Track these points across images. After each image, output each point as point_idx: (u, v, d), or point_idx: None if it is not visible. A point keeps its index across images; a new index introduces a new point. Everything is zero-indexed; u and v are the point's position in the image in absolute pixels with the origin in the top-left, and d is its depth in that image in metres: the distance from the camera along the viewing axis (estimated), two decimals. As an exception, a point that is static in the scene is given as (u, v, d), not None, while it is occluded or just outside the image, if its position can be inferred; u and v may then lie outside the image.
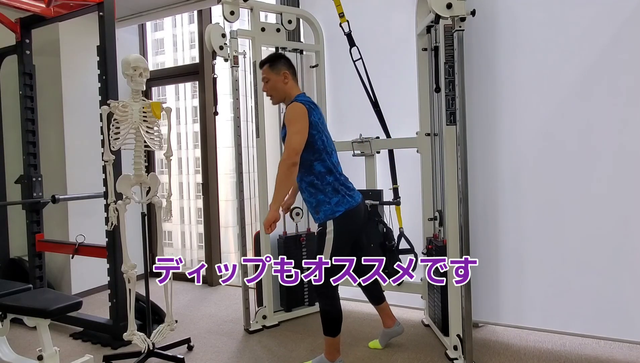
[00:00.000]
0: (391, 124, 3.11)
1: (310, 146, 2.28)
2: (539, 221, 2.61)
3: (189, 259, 9.25)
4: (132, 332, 2.53)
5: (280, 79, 2.40)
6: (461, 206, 2.38)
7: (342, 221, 2.27)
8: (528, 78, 2.61)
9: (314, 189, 2.32)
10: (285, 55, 2.51)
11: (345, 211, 2.27)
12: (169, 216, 2.66)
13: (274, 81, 2.41)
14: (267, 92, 2.47)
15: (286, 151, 2.21)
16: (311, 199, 2.34)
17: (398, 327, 2.71)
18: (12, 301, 2.27)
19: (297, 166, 2.21)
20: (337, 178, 2.32)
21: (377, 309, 2.71)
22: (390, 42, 3.17)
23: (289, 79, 2.41)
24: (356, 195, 2.36)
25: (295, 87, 2.45)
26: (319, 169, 2.30)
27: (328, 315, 2.31)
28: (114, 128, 2.49)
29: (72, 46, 3.94)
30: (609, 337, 2.50)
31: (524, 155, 2.64)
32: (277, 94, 2.44)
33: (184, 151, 9.13)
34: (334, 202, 2.28)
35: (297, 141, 2.21)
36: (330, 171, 2.31)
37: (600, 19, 2.41)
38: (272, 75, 2.41)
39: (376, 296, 2.67)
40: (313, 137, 2.28)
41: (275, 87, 2.42)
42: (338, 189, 2.30)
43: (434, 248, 2.82)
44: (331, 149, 2.38)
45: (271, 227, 2.20)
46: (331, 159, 2.34)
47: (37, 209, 3.40)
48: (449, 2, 2.26)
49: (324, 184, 2.30)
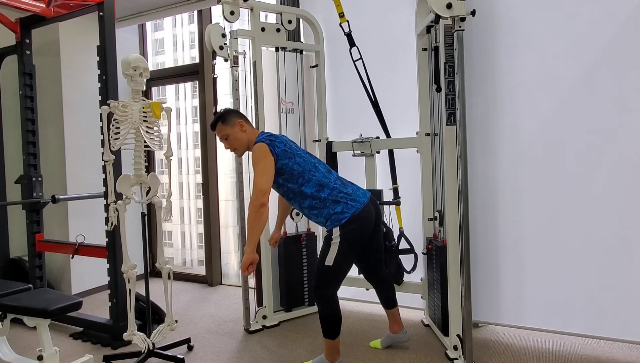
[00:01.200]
0: (391, 124, 3.11)
1: (289, 175, 2.29)
2: (539, 221, 2.61)
3: (189, 259, 9.25)
4: (132, 332, 2.53)
5: (237, 130, 2.42)
6: (461, 206, 2.38)
7: (349, 227, 2.25)
8: (528, 78, 2.61)
9: (317, 210, 2.31)
10: (230, 108, 2.54)
11: (351, 216, 2.25)
12: (169, 216, 2.66)
13: (232, 134, 2.42)
14: (231, 148, 2.48)
15: (254, 193, 2.21)
16: (320, 219, 2.34)
17: (403, 335, 2.70)
18: (12, 301, 2.27)
19: (266, 206, 2.21)
20: (332, 189, 2.30)
21: (387, 312, 2.70)
22: (390, 42, 3.17)
23: (245, 126, 2.44)
24: (360, 197, 2.33)
25: (253, 131, 2.47)
26: (310, 191, 2.29)
27: (327, 318, 2.31)
28: (114, 128, 2.49)
29: (72, 46, 3.94)
30: (609, 337, 2.50)
31: (524, 155, 2.64)
32: (241, 145, 2.44)
33: (184, 151, 9.14)
34: (339, 211, 2.27)
35: (264, 181, 2.22)
36: (322, 187, 2.30)
37: (600, 18, 2.41)
38: (228, 129, 2.42)
39: (389, 299, 2.67)
40: (287, 166, 2.29)
41: (236, 138, 2.43)
42: (338, 199, 2.28)
43: (434, 248, 2.83)
44: (312, 166, 2.35)
45: (248, 269, 2.23)
46: (317, 174, 2.33)
47: (37, 209, 3.40)
48: (449, 2, 2.26)
49: (322, 201, 2.29)
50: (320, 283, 2.30)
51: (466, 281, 2.37)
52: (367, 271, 2.62)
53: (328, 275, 2.28)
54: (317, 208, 2.31)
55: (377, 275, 2.62)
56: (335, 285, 2.32)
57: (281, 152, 2.30)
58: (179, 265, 8.82)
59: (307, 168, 2.32)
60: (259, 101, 3.09)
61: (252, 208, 2.19)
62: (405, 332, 2.71)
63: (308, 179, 2.30)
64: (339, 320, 2.32)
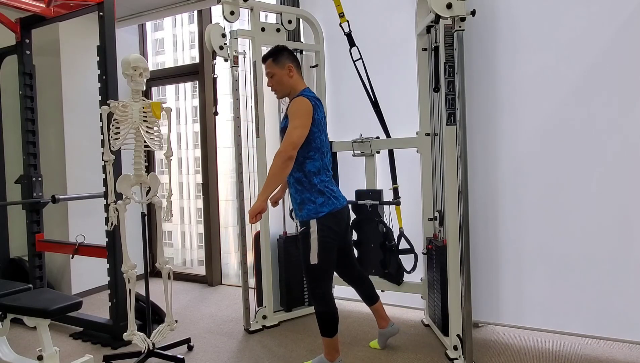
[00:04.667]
0: (391, 124, 3.10)
1: (307, 143, 2.24)
2: (539, 221, 2.61)
3: (189, 259, 9.25)
4: (132, 332, 2.53)
5: (285, 73, 2.35)
6: (461, 206, 2.38)
7: (325, 221, 2.24)
8: (528, 78, 2.61)
9: (301, 187, 2.29)
10: (287, 47, 2.45)
11: (329, 212, 2.24)
12: (169, 216, 2.66)
13: (279, 75, 2.36)
14: (272, 87, 2.42)
15: (284, 144, 2.15)
16: (296, 196, 2.32)
17: (392, 328, 2.70)
18: (12, 301, 2.27)
19: (293, 160, 2.16)
20: (324, 179, 2.29)
21: (371, 309, 2.70)
22: (390, 42, 3.17)
23: (293, 72, 2.37)
24: (341, 198, 2.34)
25: (301, 81, 2.40)
26: (309, 168, 2.27)
27: (323, 316, 2.30)
28: (114, 128, 2.49)
29: (72, 46, 3.94)
30: (609, 337, 2.50)
31: (524, 155, 2.64)
32: (283, 89, 2.39)
33: (184, 151, 9.14)
34: (319, 202, 2.25)
35: (298, 135, 2.16)
36: (320, 172, 2.29)
37: (600, 18, 2.41)
38: (277, 69, 2.36)
39: (369, 295, 2.66)
40: (313, 134, 2.24)
41: (280, 81, 2.36)
42: (324, 191, 2.27)
43: (434, 248, 2.83)
44: (326, 150, 2.35)
45: (256, 217, 2.15)
46: (324, 160, 2.32)
47: (37, 209, 3.40)
48: (449, 2, 2.26)
49: (311, 183, 2.27)
50: (313, 282, 2.29)
51: (466, 281, 2.37)
52: (341, 271, 2.61)
53: (316, 272, 2.27)
54: (302, 186, 2.28)
55: (351, 272, 2.61)
56: (326, 280, 2.30)
57: (318, 120, 2.26)
58: (179, 265, 8.82)
59: (322, 150, 2.31)
60: (259, 101, 3.09)
61: (279, 158, 2.12)
62: (393, 323, 2.70)
63: (316, 159, 2.27)
64: (335, 317, 2.31)
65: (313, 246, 2.23)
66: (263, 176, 3.09)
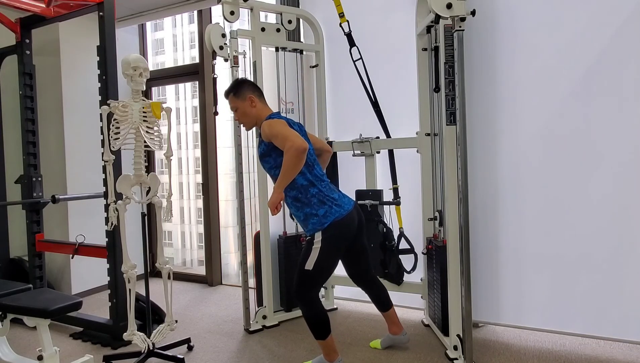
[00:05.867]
0: (391, 124, 3.11)
1: None
2: (539, 221, 2.61)
3: (189, 259, 9.26)
4: (132, 332, 2.53)
5: (247, 104, 2.39)
6: (461, 206, 2.38)
7: (330, 232, 2.23)
8: (528, 78, 2.61)
9: (300, 204, 2.29)
10: (247, 79, 2.49)
11: (333, 221, 2.23)
12: (169, 216, 2.66)
13: (242, 108, 2.40)
14: (238, 121, 2.47)
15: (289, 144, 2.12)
16: (299, 214, 2.32)
17: (404, 337, 2.69)
18: (12, 301, 2.27)
19: (306, 151, 2.14)
20: (320, 189, 2.28)
21: (384, 316, 2.68)
22: (390, 42, 3.17)
23: (255, 101, 2.40)
24: (345, 204, 2.31)
25: (265, 108, 2.43)
26: (301, 182, 2.26)
27: (313, 320, 2.29)
28: (114, 128, 2.49)
29: (72, 46, 3.94)
30: (609, 337, 2.50)
31: (524, 155, 2.64)
32: (249, 120, 2.42)
33: (184, 151, 9.15)
34: (322, 214, 2.24)
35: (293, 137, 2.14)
36: (313, 184, 2.27)
37: (600, 18, 2.41)
38: (239, 102, 2.40)
39: (383, 302, 2.64)
40: None
41: (244, 113, 2.40)
42: (324, 200, 2.26)
43: (434, 248, 2.83)
44: (312, 162, 2.33)
45: (277, 208, 2.20)
46: (313, 171, 2.30)
47: (37, 209, 3.40)
48: (449, 2, 2.25)
49: (308, 197, 2.26)
50: (300, 286, 2.27)
51: (466, 281, 2.37)
52: (355, 275, 2.59)
53: (307, 278, 2.26)
54: (300, 202, 2.28)
55: (365, 277, 2.59)
56: (315, 287, 2.29)
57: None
58: (179, 265, 8.84)
59: (309, 161, 2.30)
60: (259, 101, 3.09)
61: (295, 152, 2.10)
62: (405, 333, 2.70)
63: (303, 173, 2.26)
64: (324, 319, 2.29)
65: (313, 254, 2.23)
66: (263, 176, 3.09)
